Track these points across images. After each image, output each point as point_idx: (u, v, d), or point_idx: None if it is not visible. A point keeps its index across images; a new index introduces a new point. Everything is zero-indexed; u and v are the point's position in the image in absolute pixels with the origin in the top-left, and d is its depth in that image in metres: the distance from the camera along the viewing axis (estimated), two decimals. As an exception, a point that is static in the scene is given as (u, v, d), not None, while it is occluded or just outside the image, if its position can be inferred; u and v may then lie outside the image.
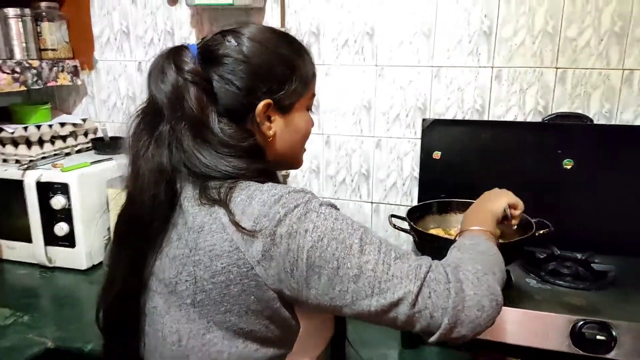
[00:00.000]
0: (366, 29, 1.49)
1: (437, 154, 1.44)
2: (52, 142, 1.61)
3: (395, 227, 1.21)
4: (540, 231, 1.11)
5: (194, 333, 0.70)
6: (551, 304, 1.04)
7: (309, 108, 0.85)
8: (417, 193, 1.51)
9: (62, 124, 1.64)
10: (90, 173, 1.49)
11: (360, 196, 1.61)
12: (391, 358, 1.07)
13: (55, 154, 1.60)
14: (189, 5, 1.53)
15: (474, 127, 1.43)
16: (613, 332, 0.96)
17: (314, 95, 0.85)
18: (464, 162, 1.43)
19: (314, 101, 0.86)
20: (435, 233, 1.21)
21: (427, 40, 1.46)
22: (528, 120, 1.43)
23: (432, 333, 0.66)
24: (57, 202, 1.43)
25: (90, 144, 1.72)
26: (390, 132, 1.54)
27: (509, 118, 1.45)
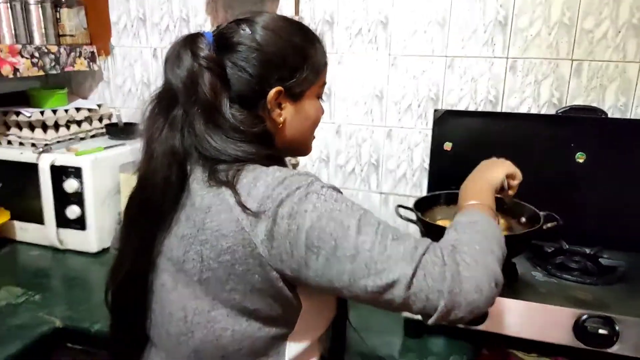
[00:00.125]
0: (380, 18, 1.48)
1: (448, 146, 1.43)
2: (68, 127, 1.63)
3: (402, 218, 1.20)
4: (548, 224, 1.10)
5: (200, 310, 0.72)
6: (556, 297, 1.02)
7: (320, 96, 0.86)
8: (427, 184, 1.50)
9: (78, 109, 1.67)
10: (104, 158, 1.51)
11: (370, 186, 1.61)
12: (394, 346, 1.07)
13: (70, 138, 1.62)
14: (204, -8, 1.54)
15: (486, 118, 1.42)
16: (616, 327, 0.94)
17: (324, 83, 0.86)
18: (475, 154, 1.39)
19: (324, 90, 0.87)
20: (442, 224, 1.21)
21: (441, 30, 1.44)
22: (542, 113, 1.41)
23: (429, 315, 0.65)
24: (70, 185, 1.45)
25: (104, 129, 1.75)
26: (402, 122, 1.53)
27: (523, 110, 1.42)
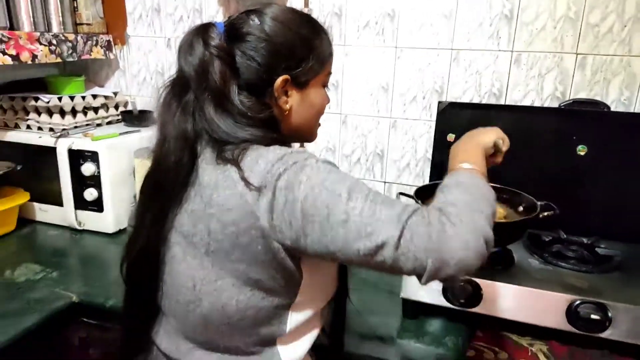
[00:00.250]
0: (387, 11, 1.51)
1: (451, 137, 1.45)
2: (85, 113, 1.69)
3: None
4: (545, 213, 1.13)
5: (207, 280, 0.78)
6: (550, 283, 1.05)
7: (325, 85, 0.91)
8: (429, 174, 1.53)
9: (94, 96, 1.72)
10: (119, 143, 1.56)
11: (374, 176, 1.64)
12: (392, 327, 1.11)
13: (87, 124, 1.68)
14: (217, -17, 1.58)
15: (490, 110, 1.44)
16: (609, 313, 0.97)
17: (330, 73, 0.90)
18: (478, 145, 1.44)
19: (330, 79, 0.92)
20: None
21: (447, 23, 1.46)
22: (545, 106, 1.43)
23: (420, 275, 0.67)
24: (87, 169, 1.51)
25: (119, 116, 1.80)
26: (407, 114, 1.56)
27: (526, 103, 1.45)
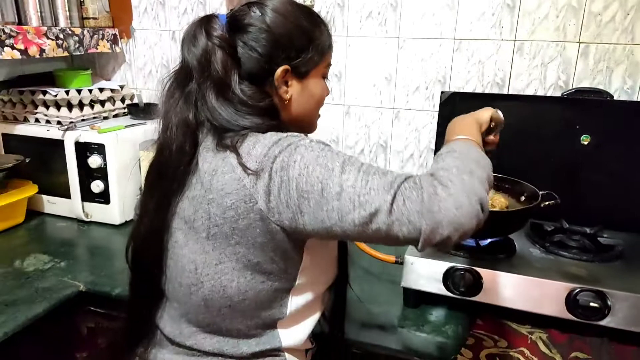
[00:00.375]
0: (390, 1, 1.51)
1: (454, 127, 1.46)
2: (92, 106, 1.70)
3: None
4: (547, 202, 1.13)
5: (208, 263, 0.80)
6: (551, 272, 1.06)
7: (325, 76, 0.92)
8: (434, 164, 1.54)
9: (101, 90, 1.74)
10: (125, 135, 1.58)
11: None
12: (393, 315, 1.12)
13: (94, 117, 1.70)
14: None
15: (492, 100, 1.44)
16: (608, 301, 0.97)
17: (329, 64, 0.92)
18: (481, 134, 1.44)
19: (329, 70, 0.93)
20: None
21: (450, 13, 1.46)
22: (548, 95, 1.43)
23: (416, 240, 0.68)
24: (94, 161, 1.53)
25: (126, 109, 1.82)
26: (410, 104, 1.57)
27: (529, 92, 1.45)
